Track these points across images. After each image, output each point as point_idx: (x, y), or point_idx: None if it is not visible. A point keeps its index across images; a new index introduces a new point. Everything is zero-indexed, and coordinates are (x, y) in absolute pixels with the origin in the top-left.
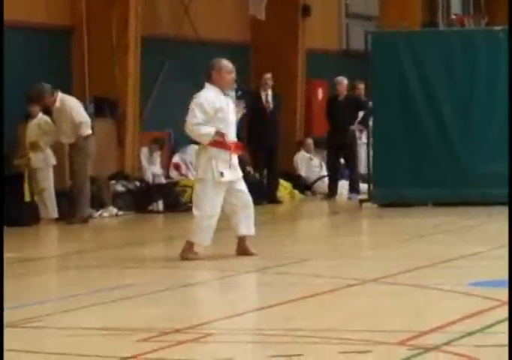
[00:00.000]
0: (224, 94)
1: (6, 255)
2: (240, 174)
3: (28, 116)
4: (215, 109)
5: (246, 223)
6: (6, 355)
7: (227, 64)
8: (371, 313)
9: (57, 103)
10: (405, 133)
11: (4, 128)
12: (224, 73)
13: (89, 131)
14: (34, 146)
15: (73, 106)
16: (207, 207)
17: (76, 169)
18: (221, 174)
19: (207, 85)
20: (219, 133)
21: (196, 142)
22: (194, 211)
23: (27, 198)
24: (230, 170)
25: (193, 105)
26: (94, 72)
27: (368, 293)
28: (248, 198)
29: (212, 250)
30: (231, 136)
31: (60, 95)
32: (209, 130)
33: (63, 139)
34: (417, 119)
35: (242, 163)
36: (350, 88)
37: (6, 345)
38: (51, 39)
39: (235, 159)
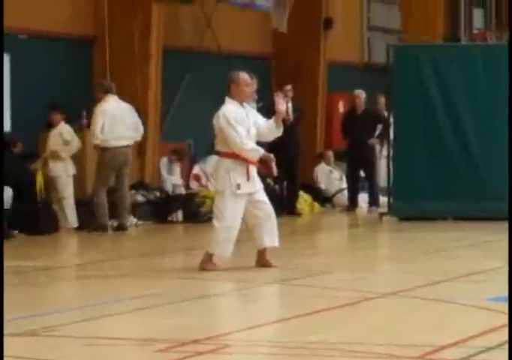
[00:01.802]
0: (243, 106)
1: (25, 263)
2: (260, 185)
3: (50, 125)
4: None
5: (270, 235)
6: None
7: (245, 76)
8: (390, 326)
9: (99, 103)
10: (425, 146)
11: (24, 136)
12: (242, 86)
13: (96, 142)
14: (54, 155)
15: (99, 112)
16: (227, 218)
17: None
18: (238, 186)
19: (227, 99)
20: (267, 157)
21: (218, 153)
22: (215, 222)
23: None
24: (249, 182)
25: (225, 123)
26: (116, 82)
27: (387, 307)
28: (270, 209)
29: (231, 261)
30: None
31: (109, 99)
32: (258, 147)
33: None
34: (438, 133)
35: (262, 175)
36: (369, 102)
37: (25, 353)
38: (74, 48)
39: (253, 171)
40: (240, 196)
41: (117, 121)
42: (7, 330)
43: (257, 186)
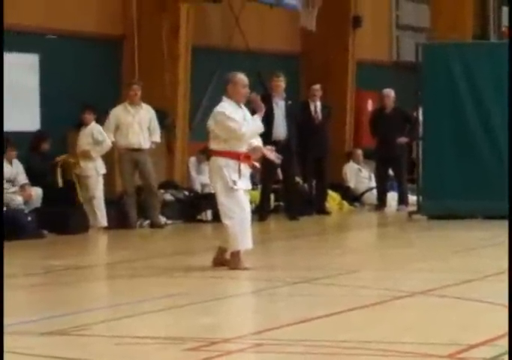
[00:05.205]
0: (240, 107)
1: (56, 263)
2: (250, 186)
3: (81, 123)
4: None
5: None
6: None
7: (242, 78)
8: (419, 325)
9: None
10: (454, 145)
11: (53, 135)
12: (239, 87)
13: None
14: (86, 155)
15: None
16: (237, 213)
17: None
18: (234, 182)
19: (224, 99)
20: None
21: (210, 152)
22: (226, 221)
23: (80, 200)
24: (242, 180)
25: (224, 117)
26: (145, 81)
27: (416, 306)
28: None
29: (260, 260)
30: (243, 147)
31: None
32: (256, 121)
33: None
34: (467, 131)
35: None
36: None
37: (56, 352)
38: (103, 48)
39: (246, 170)
40: (238, 190)
41: None
42: (38, 329)
43: (249, 185)
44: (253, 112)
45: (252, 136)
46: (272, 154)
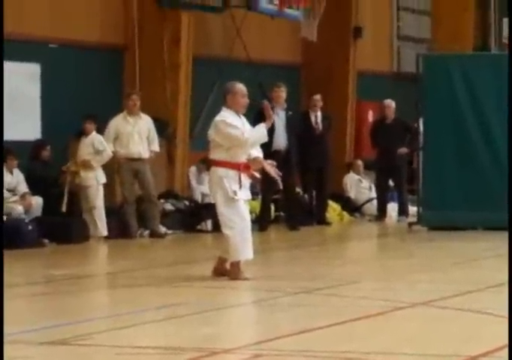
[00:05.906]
0: (239, 116)
1: (56, 272)
2: (250, 196)
3: (82, 133)
4: None
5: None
6: None
7: (241, 87)
8: (420, 336)
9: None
10: (455, 156)
11: (53, 144)
12: (238, 96)
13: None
14: (86, 164)
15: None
16: (238, 223)
17: None
18: (234, 192)
19: (223, 109)
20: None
21: (210, 162)
22: (226, 231)
23: (63, 209)
24: (242, 190)
25: (225, 125)
26: (146, 90)
27: (417, 317)
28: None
29: (260, 270)
30: (243, 157)
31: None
32: (260, 129)
33: None
34: (468, 142)
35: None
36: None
37: None
38: (104, 57)
39: (245, 180)
40: (239, 200)
41: None
42: (39, 338)
43: (249, 195)
44: (263, 120)
45: (255, 143)
46: (272, 168)
